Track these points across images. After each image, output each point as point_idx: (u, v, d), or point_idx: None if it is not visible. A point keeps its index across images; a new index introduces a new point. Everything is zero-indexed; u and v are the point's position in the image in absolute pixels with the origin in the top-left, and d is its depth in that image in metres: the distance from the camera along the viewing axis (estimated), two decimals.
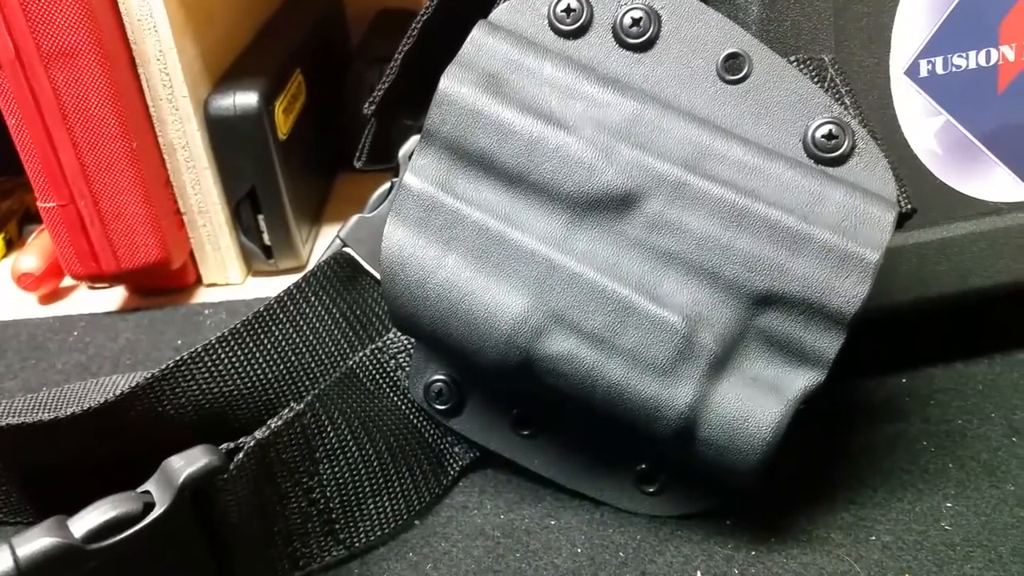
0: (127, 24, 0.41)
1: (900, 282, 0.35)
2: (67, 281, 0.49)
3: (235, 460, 0.26)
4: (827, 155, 0.28)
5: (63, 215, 0.43)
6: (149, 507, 0.25)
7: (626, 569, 0.29)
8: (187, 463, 0.25)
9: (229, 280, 0.48)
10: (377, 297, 0.37)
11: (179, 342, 0.43)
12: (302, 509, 0.29)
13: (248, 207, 0.46)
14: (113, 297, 0.48)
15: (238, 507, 0.27)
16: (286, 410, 0.29)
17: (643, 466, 0.31)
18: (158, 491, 0.25)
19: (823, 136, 0.28)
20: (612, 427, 0.30)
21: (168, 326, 0.45)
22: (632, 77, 0.29)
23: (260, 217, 0.47)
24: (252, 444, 0.27)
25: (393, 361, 0.34)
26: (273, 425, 0.28)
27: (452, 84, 0.29)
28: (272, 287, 0.47)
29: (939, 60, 0.33)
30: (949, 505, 0.31)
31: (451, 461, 0.34)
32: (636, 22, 0.29)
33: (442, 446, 0.34)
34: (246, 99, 0.44)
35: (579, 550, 0.30)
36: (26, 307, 0.48)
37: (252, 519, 0.27)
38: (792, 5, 0.31)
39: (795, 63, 0.30)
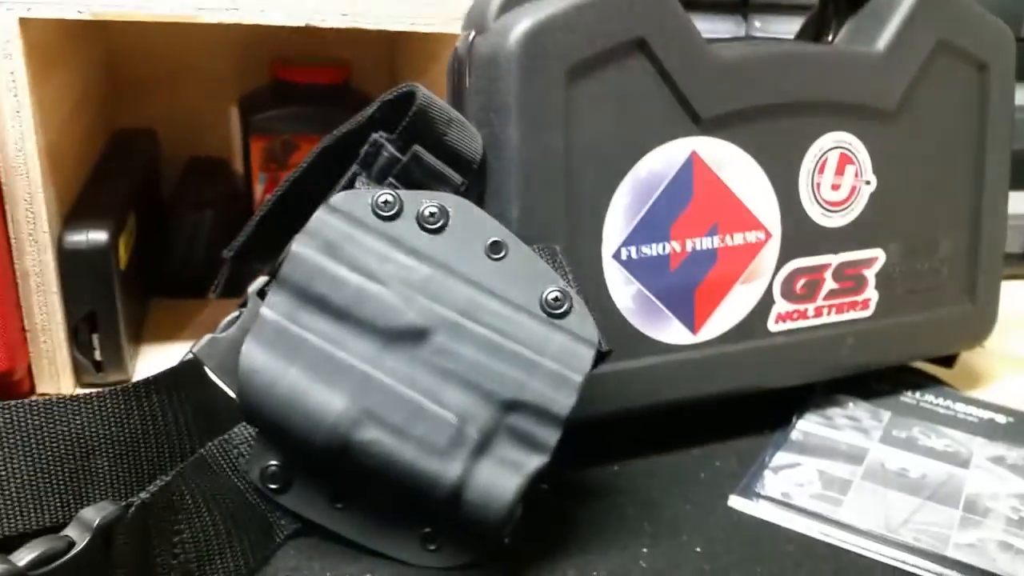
0: (1, 168, 0.49)
1: (608, 397, 0.49)
2: None
3: (129, 513, 0.34)
4: (555, 312, 0.42)
5: None
6: (71, 546, 0.32)
7: None
8: (98, 511, 0.33)
9: (60, 390, 0.54)
10: (218, 399, 0.45)
11: None
12: (169, 561, 0.37)
13: (85, 327, 0.53)
14: None
15: (130, 552, 0.34)
16: (158, 480, 0.37)
17: (427, 529, 0.42)
18: (76, 534, 0.32)
19: (552, 299, 0.42)
20: (403, 500, 0.41)
21: None
22: (429, 250, 0.42)
23: (95, 336, 0.54)
24: (138, 502, 0.35)
25: (236, 450, 0.43)
26: (151, 490, 0.36)
27: (301, 247, 0.41)
28: None
29: (633, 249, 0.48)
30: (645, 551, 0.44)
31: (278, 530, 0.43)
32: (433, 214, 0.42)
33: (271, 518, 0.42)
34: (98, 236, 0.52)
35: None
36: None
37: (138, 564, 0.35)
38: (537, 211, 0.46)
39: (536, 249, 0.44)
